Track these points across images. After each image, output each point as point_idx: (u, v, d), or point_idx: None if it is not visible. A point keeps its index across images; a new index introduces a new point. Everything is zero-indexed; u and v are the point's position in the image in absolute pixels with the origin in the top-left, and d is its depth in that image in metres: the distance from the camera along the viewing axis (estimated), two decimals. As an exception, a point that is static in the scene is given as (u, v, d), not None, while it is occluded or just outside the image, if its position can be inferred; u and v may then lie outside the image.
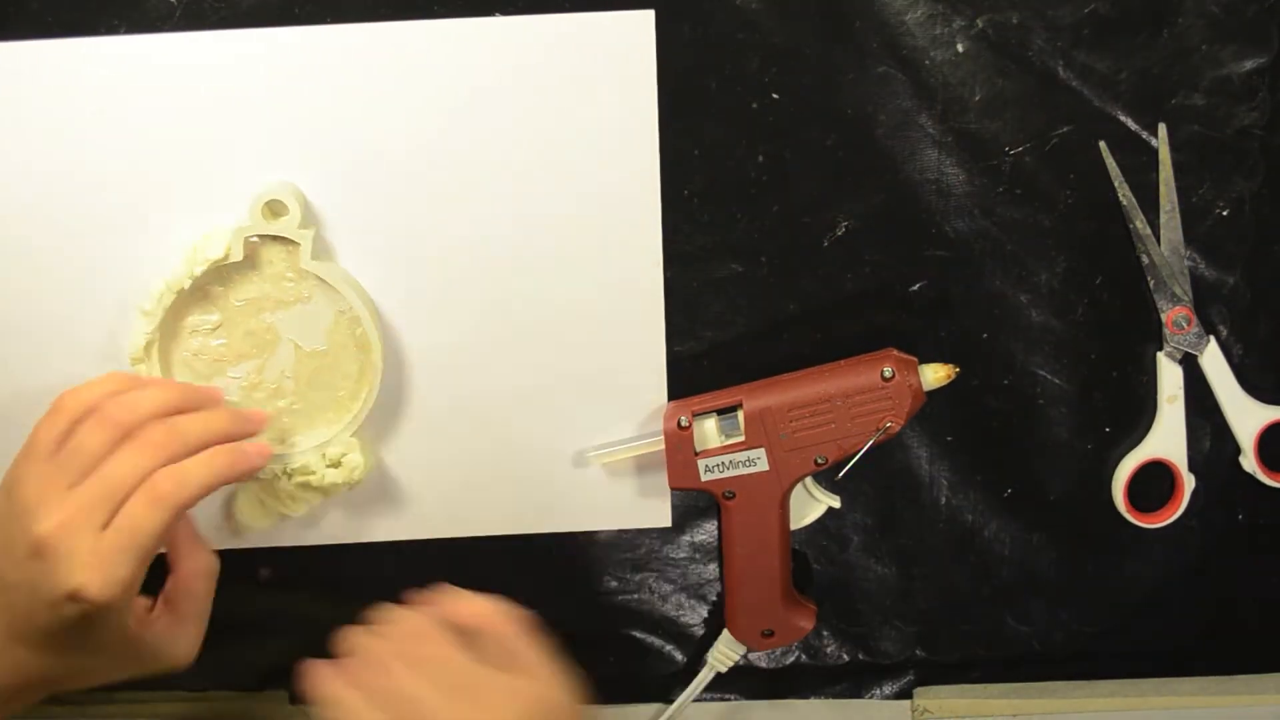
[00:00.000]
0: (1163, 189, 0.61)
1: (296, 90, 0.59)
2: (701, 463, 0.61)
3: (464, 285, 0.62)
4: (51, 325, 0.61)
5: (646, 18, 0.59)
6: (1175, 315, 0.61)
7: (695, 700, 0.68)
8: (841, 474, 0.61)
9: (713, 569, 0.67)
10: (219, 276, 0.59)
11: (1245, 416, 0.64)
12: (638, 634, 0.68)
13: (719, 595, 0.67)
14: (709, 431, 0.61)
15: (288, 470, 0.59)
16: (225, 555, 0.58)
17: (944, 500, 0.66)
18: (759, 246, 0.62)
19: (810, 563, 0.67)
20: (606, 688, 0.68)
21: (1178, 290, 0.61)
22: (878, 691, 0.70)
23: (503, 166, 0.60)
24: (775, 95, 0.61)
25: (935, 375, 0.60)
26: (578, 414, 0.64)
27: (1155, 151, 0.61)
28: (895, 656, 0.68)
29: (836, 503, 0.64)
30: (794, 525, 0.64)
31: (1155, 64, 0.60)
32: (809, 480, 0.63)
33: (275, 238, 0.58)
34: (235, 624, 0.59)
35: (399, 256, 0.61)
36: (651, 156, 0.60)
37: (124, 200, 0.60)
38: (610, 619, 0.67)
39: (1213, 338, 0.63)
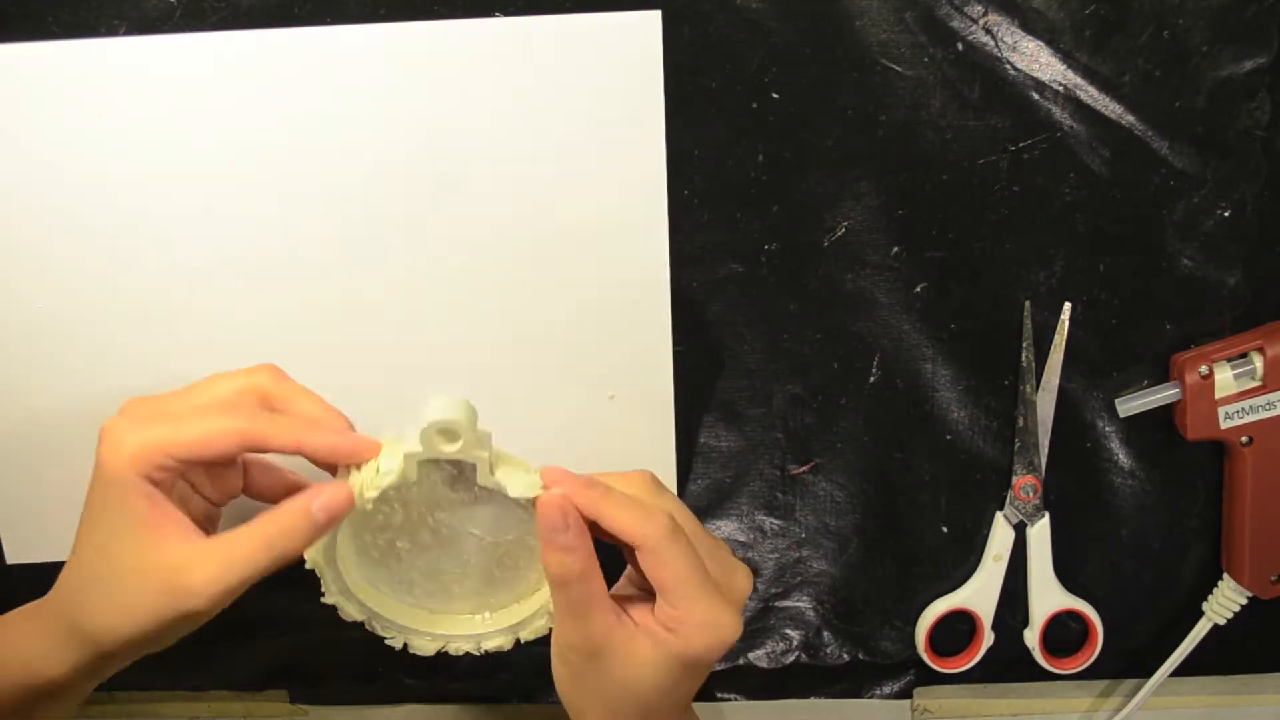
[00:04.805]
0: (1049, 367, 0.63)
1: (296, 91, 0.59)
2: (1221, 410, 0.62)
3: (465, 287, 0.62)
4: (51, 325, 0.61)
5: (653, 18, 0.58)
6: (1024, 482, 0.65)
7: (695, 700, 0.67)
8: None
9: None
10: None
11: (1045, 598, 0.66)
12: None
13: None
14: (1226, 378, 0.62)
15: (482, 648, 0.57)
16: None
17: (944, 500, 0.66)
18: (759, 246, 0.62)
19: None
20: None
21: (1035, 461, 0.64)
22: (878, 691, 0.70)
23: (507, 168, 0.60)
24: (775, 95, 0.61)
25: None
26: (582, 415, 0.64)
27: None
28: (895, 656, 0.68)
29: None
30: None
31: (1156, 65, 0.60)
32: None
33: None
34: (235, 624, 0.59)
35: (398, 259, 0.61)
36: (658, 157, 0.60)
37: (123, 201, 0.60)
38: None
39: (1047, 513, 0.65)
